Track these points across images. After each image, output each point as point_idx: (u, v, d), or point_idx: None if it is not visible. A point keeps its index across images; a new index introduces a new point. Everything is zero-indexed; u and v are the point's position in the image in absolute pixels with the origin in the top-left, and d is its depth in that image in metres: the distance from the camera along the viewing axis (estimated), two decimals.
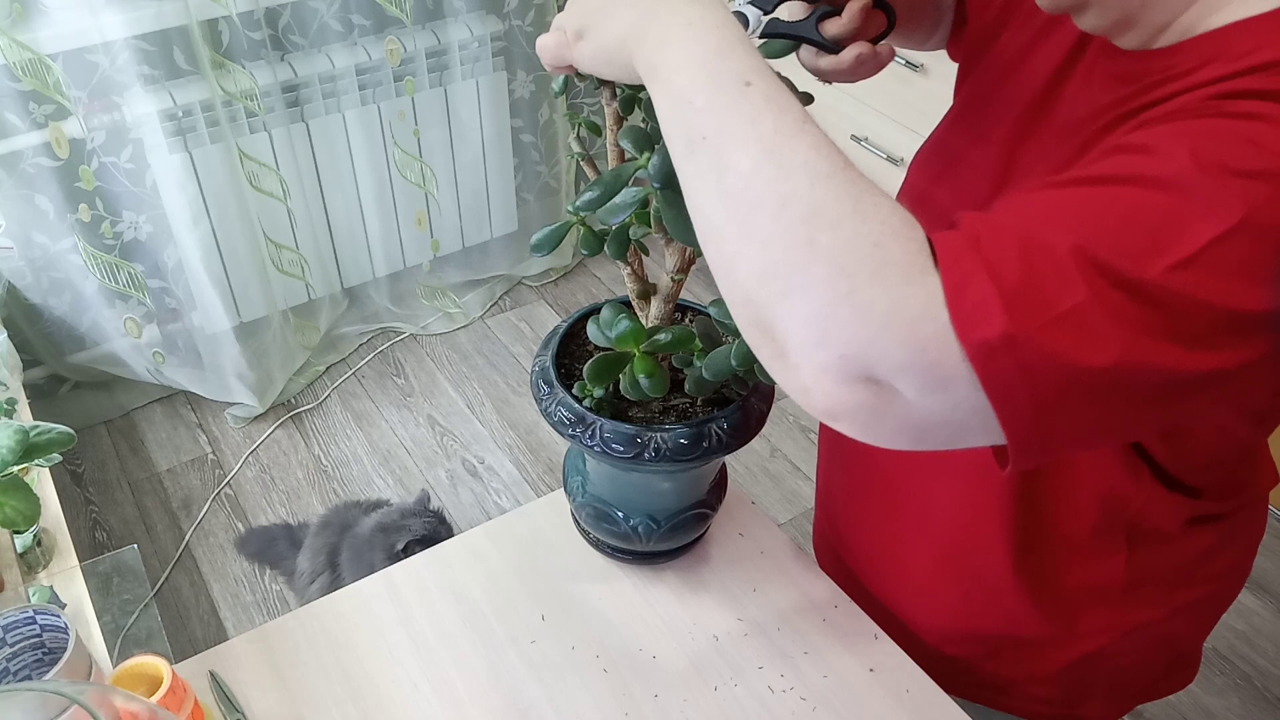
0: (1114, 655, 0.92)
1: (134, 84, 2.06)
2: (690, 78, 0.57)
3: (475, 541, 1.06)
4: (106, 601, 1.37)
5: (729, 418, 0.85)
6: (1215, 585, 0.93)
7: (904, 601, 1.00)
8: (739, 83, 0.56)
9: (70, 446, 1.13)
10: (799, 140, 0.54)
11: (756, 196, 0.54)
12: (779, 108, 0.55)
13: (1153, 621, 0.90)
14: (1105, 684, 0.96)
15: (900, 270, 0.51)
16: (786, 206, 0.53)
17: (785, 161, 0.53)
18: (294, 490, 2.29)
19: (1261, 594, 2.05)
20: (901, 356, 0.51)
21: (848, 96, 2.13)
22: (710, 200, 0.56)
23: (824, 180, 0.53)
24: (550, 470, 2.33)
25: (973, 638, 0.96)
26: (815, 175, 0.53)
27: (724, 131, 0.55)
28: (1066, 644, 0.92)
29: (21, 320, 2.26)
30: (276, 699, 0.92)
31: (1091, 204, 0.53)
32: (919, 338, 0.51)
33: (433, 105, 2.49)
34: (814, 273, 0.52)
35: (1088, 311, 0.50)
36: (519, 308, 2.82)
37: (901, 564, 0.99)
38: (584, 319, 0.94)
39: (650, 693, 0.92)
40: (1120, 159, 0.56)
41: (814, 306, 0.52)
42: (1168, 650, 0.97)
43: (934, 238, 0.53)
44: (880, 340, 0.51)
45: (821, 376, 0.53)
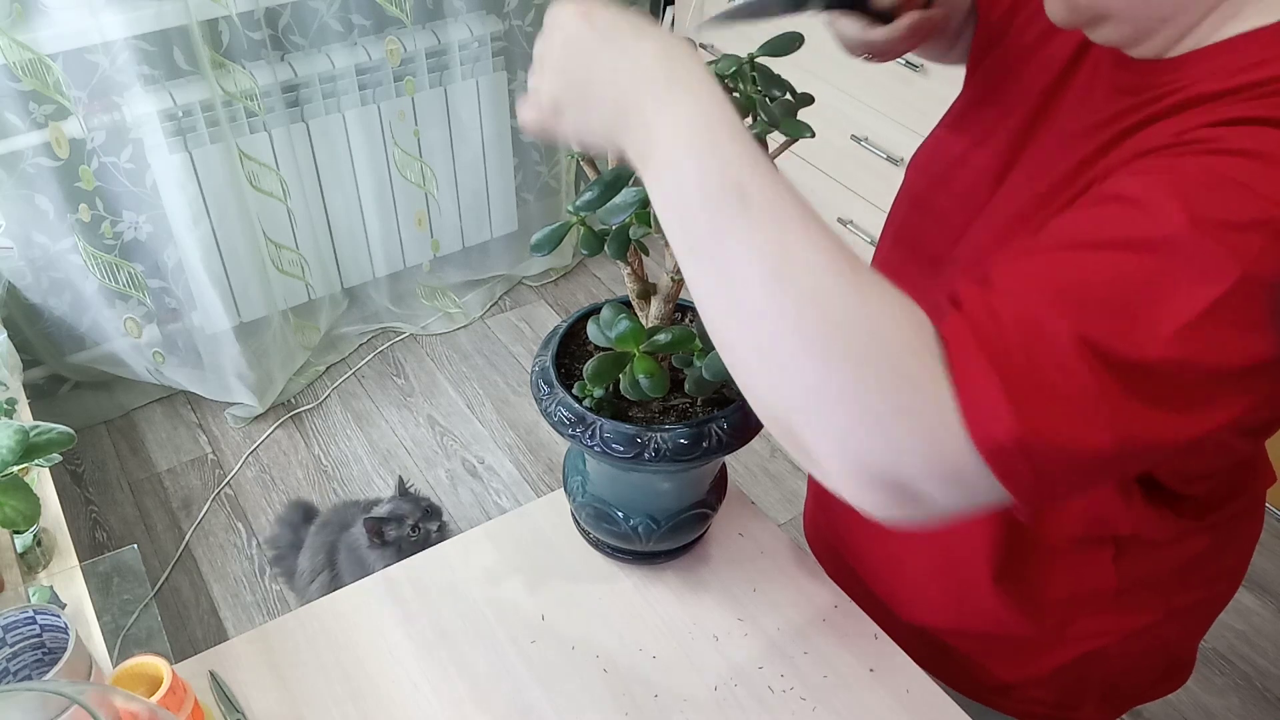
0: (1108, 659, 0.92)
1: (134, 84, 2.06)
2: (681, 181, 0.55)
3: (475, 541, 1.06)
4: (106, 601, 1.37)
5: (729, 418, 0.85)
6: (1210, 588, 0.93)
7: (901, 596, 1.00)
8: (734, 191, 0.54)
9: (70, 446, 1.13)
10: (801, 252, 0.53)
11: (762, 317, 0.54)
12: (777, 216, 0.54)
13: (1147, 626, 0.90)
14: (1100, 687, 0.96)
15: (914, 384, 0.52)
16: (797, 328, 0.53)
17: (789, 280, 0.53)
18: (294, 490, 2.29)
19: (1261, 594, 2.05)
20: (921, 466, 0.53)
21: (848, 96, 2.13)
22: (717, 309, 0.57)
23: (831, 294, 0.52)
24: (550, 470, 2.33)
25: (968, 635, 0.96)
26: (820, 291, 0.53)
27: (722, 245, 0.54)
28: (1058, 647, 0.92)
29: (21, 320, 2.26)
30: (276, 699, 0.92)
31: (1089, 277, 0.53)
32: (937, 448, 0.52)
33: (433, 105, 2.49)
34: (829, 393, 0.53)
35: (1091, 400, 0.51)
36: (519, 308, 2.82)
37: (897, 560, 0.99)
38: (584, 319, 0.94)
39: (650, 693, 0.92)
40: (1115, 214, 0.55)
41: (834, 424, 0.53)
42: (1163, 653, 0.97)
43: (943, 335, 0.53)
44: (900, 453, 0.52)
45: (848, 481, 0.55)
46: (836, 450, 0.54)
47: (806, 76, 0.90)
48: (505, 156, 2.69)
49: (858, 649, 0.95)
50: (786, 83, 0.77)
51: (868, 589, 1.03)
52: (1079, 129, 0.71)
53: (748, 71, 0.76)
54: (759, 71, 0.76)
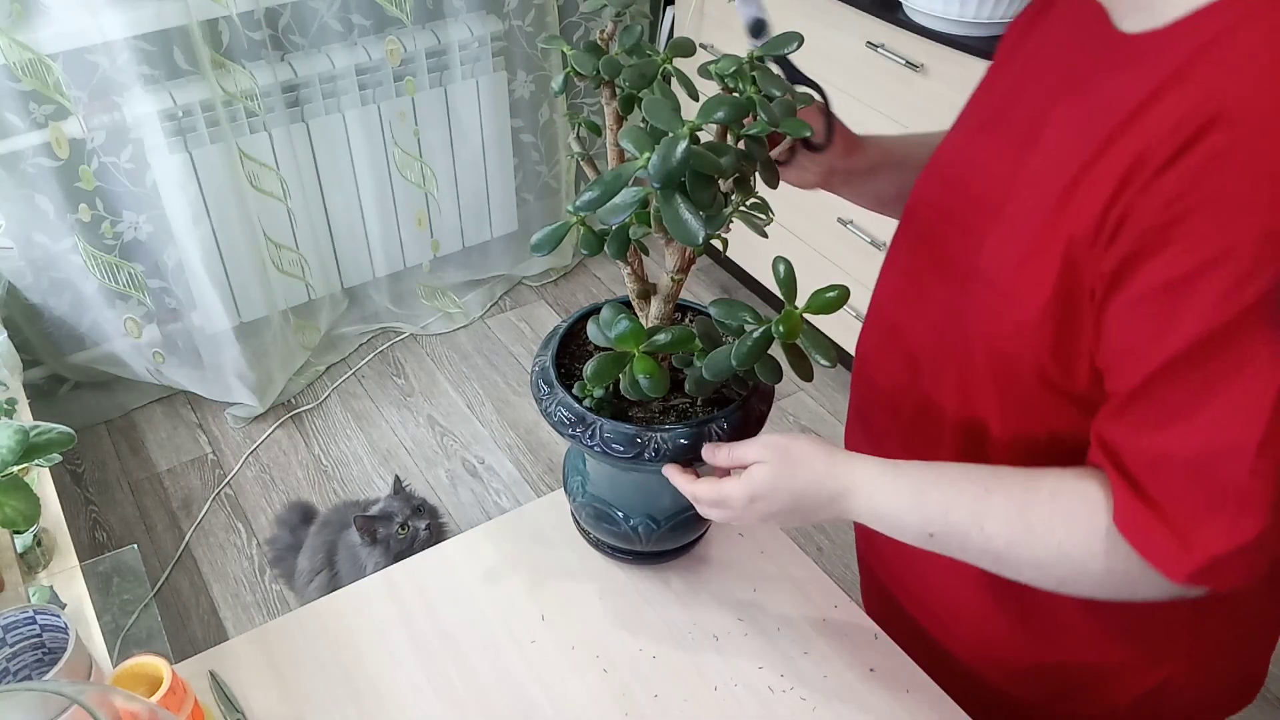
0: (1187, 679, 0.89)
1: (134, 84, 2.06)
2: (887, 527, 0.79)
3: (475, 541, 1.06)
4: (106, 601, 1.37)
5: (729, 418, 0.85)
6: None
7: (960, 633, 0.96)
8: (925, 535, 0.77)
9: (70, 446, 1.13)
10: (993, 545, 0.74)
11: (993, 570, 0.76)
12: (963, 536, 0.75)
13: (1224, 642, 0.88)
14: (1177, 711, 0.93)
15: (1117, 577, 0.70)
16: (1036, 580, 0.75)
17: (1003, 566, 0.75)
18: (294, 490, 2.29)
19: None
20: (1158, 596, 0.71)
21: (848, 96, 2.13)
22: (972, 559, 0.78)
23: (1022, 559, 0.73)
24: (550, 470, 2.33)
25: (1038, 671, 0.92)
26: (1014, 563, 0.74)
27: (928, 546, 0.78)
28: (1141, 670, 0.88)
29: (21, 320, 2.26)
30: (276, 699, 0.92)
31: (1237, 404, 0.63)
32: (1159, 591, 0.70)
33: (433, 105, 2.49)
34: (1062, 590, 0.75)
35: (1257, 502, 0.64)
36: (519, 308, 2.82)
37: (949, 590, 0.94)
38: (584, 319, 0.94)
39: (650, 693, 0.92)
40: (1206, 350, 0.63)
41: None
42: (1237, 671, 0.94)
43: (1117, 516, 0.69)
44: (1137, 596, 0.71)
45: None
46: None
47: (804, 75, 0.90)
48: (505, 156, 2.69)
49: (858, 649, 0.95)
50: (786, 83, 0.77)
51: (930, 637, 0.99)
52: (1083, 120, 0.71)
53: (748, 71, 0.76)
54: (759, 71, 0.76)
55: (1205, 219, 0.60)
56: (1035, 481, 0.74)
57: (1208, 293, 0.61)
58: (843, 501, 0.79)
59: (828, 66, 2.12)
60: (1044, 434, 0.78)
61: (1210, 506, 0.64)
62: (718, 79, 0.77)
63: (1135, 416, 0.67)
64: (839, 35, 2.07)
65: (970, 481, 0.75)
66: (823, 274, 2.38)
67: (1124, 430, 0.68)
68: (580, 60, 0.80)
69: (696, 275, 2.85)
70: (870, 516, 0.79)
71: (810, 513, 0.81)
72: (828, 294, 0.76)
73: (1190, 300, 0.61)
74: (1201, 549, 0.65)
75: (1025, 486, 0.74)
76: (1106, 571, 0.70)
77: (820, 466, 0.79)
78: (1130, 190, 0.64)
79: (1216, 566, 0.65)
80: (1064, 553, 0.71)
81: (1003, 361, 0.77)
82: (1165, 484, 0.66)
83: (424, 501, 1.75)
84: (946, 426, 0.85)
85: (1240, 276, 0.59)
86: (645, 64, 0.79)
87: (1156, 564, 0.67)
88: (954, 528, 0.75)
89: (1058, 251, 0.69)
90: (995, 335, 0.76)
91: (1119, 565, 0.69)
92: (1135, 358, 0.66)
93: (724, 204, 0.74)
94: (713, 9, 2.42)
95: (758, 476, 0.80)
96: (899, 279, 0.91)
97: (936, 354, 0.85)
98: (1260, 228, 0.58)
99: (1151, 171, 0.62)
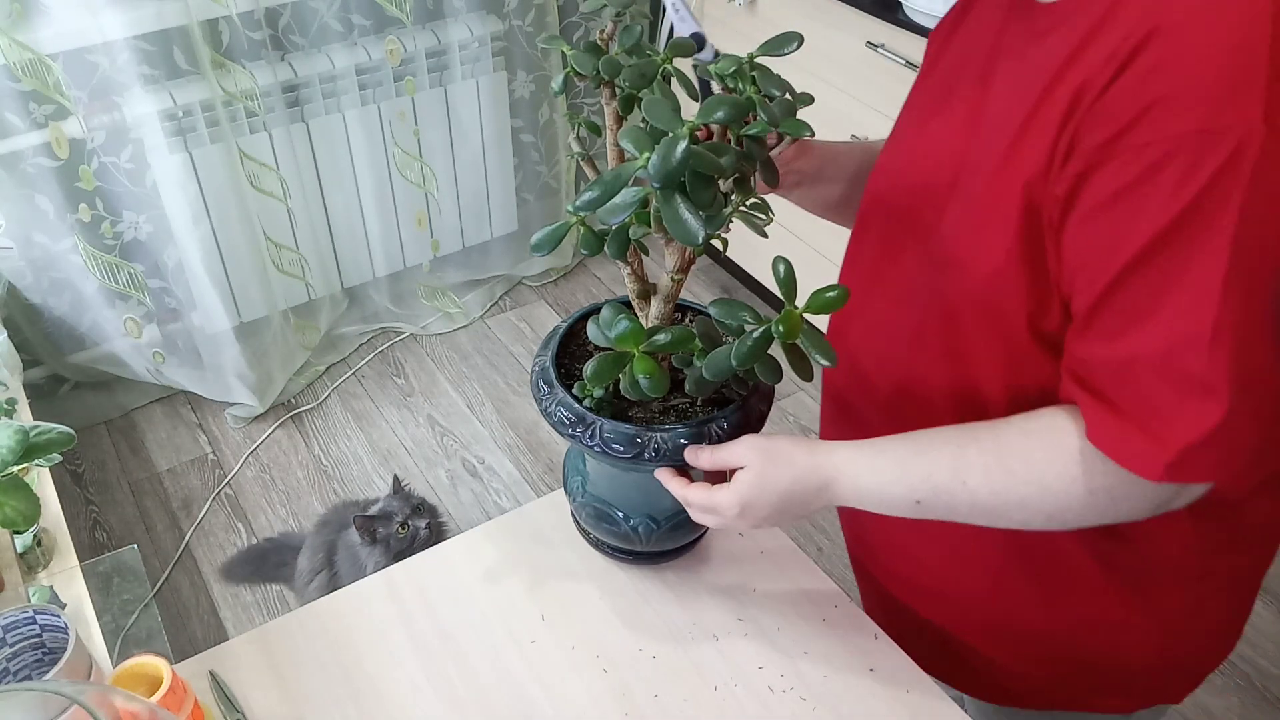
0: (1183, 635, 0.91)
1: (134, 84, 2.06)
2: (876, 504, 0.81)
3: (475, 541, 1.06)
4: (106, 601, 1.36)
5: (729, 418, 0.85)
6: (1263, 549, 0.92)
7: (967, 616, 0.96)
8: (912, 503, 0.79)
9: (70, 446, 1.13)
10: (978, 497, 0.76)
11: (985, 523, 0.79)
12: (949, 495, 0.77)
13: (1219, 589, 0.89)
14: (1176, 670, 0.95)
15: (1103, 500, 0.73)
16: (1024, 521, 0.77)
17: (992, 514, 0.77)
18: (294, 490, 2.29)
19: (1262, 594, 2.05)
20: (1145, 512, 0.74)
21: (848, 96, 2.13)
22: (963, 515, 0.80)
23: (1009, 502, 0.75)
24: (550, 470, 2.33)
25: (1048, 641, 0.93)
26: (999, 509, 0.76)
27: (920, 515, 0.80)
28: (1146, 632, 0.90)
29: (21, 320, 2.26)
30: (276, 699, 0.92)
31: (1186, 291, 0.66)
32: (1141, 504, 0.73)
33: (433, 105, 2.49)
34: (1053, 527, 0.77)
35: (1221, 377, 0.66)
36: (519, 308, 2.82)
37: (967, 567, 0.94)
38: (584, 319, 0.94)
39: (650, 693, 0.92)
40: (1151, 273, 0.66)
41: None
42: (1234, 621, 0.95)
43: (1090, 433, 0.71)
44: (1125, 516, 0.74)
45: None
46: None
47: (806, 76, 0.90)
48: (505, 156, 2.69)
49: (858, 649, 0.95)
50: (786, 83, 0.77)
51: (946, 633, 1.00)
52: (1022, 80, 0.74)
53: (747, 71, 0.76)
54: (759, 71, 0.76)
55: (1146, 126, 0.63)
56: (1004, 427, 0.77)
57: (1154, 195, 0.64)
58: (830, 490, 0.81)
59: (828, 66, 2.12)
60: (1036, 390, 0.80)
61: (1177, 398, 0.67)
62: (717, 79, 0.77)
63: (1100, 328, 0.70)
64: (839, 35, 2.07)
65: (944, 442, 0.78)
66: (823, 274, 2.38)
67: (1090, 344, 0.71)
68: (580, 60, 0.80)
69: (696, 275, 2.85)
70: (857, 498, 0.81)
71: (800, 508, 0.82)
72: (828, 294, 0.76)
73: (1139, 205, 0.65)
74: (1172, 442, 0.67)
75: (995, 434, 0.77)
76: (1089, 493, 0.72)
77: (802, 460, 0.81)
78: (1076, 118, 0.67)
79: (1189, 458, 0.67)
80: (1045, 485, 0.73)
81: (987, 317, 0.79)
82: (1134, 387, 0.68)
83: (423, 501, 1.75)
84: (939, 403, 0.86)
85: (1182, 175, 0.62)
86: (645, 64, 0.79)
87: (1132, 466, 0.69)
88: (939, 490, 0.77)
89: (1017, 193, 0.72)
90: (973, 291, 0.78)
91: (1099, 483, 0.72)
92: (1093, 272, 0.69)
93: (724, 204, 0.74)
94: (713, 9, 2.42)
95: (746, 482, 0.81)
96: (863, 276, 0.93)
97: (916, 333, 0.86)
98: (1196, 125, 0.62)
99: (1094, 95, 0.66)
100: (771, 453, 0.81)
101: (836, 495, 0.81)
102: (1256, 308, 0.65)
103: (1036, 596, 0.91)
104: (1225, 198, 0.62)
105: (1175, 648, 0.93)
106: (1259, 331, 0.66)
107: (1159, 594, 0.88)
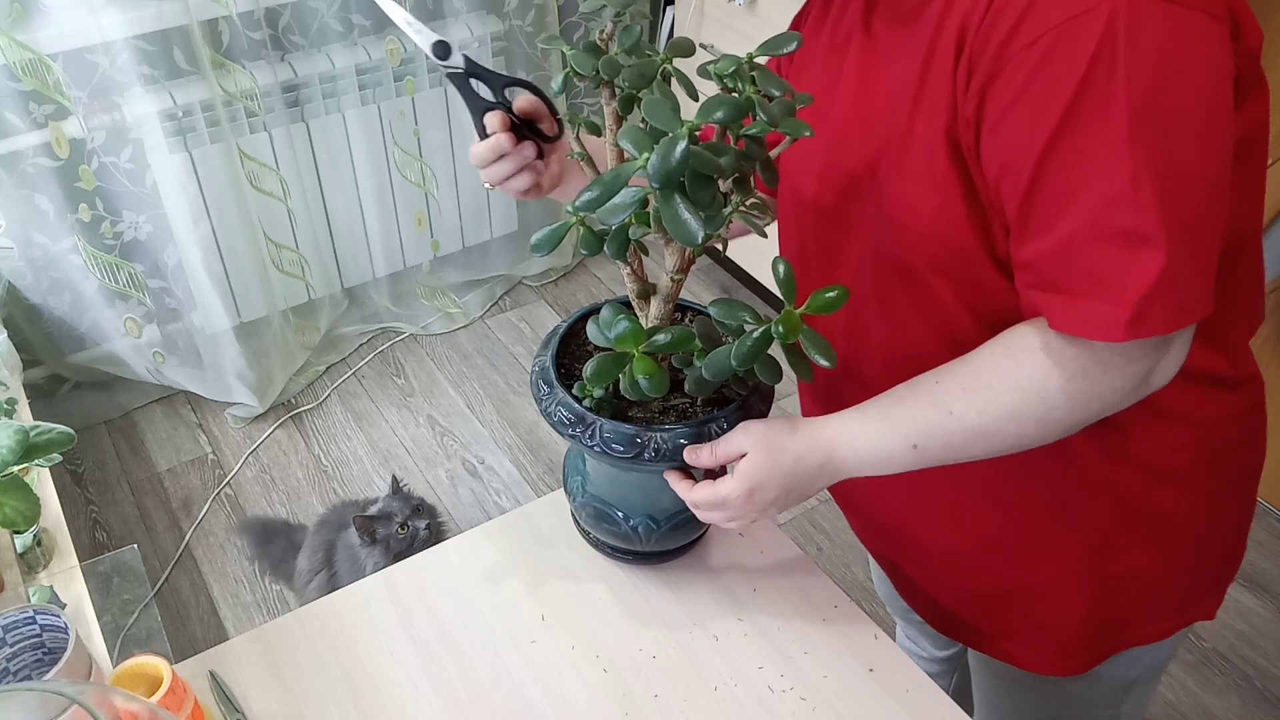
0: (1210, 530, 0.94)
1: (134, 84, 2.06)
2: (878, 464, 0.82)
3: (475, 541, 1.06)
4: (106, 601, 1.37)
5: (729, 418, 0.85)
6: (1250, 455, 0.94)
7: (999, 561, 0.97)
8: (909, 449, 0.80)
9: (70, 446, 1.13)
10: (967, 421, 0.77)
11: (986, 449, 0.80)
12: (941, 430, 0.78)
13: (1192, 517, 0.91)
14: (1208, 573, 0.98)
15: (1078, 384, 0.74)
16: (1014, 445, 0.79)
17: (989, 441, 0.78)
18: (294, 490, 2.29)
19: (1261, 594, 2.05)
20: (1131, 399, 0.77)
21: None
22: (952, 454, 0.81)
23: (1008, 419, 0.77)
24: (550, 470, 2.33)
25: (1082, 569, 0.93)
26: (988, 433, 0.78)
27: (924, 461, 0.81)
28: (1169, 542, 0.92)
29: (21, 320, 2.26)
30: (276, 699, 0.92)
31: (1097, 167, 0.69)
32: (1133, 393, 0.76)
33: (433, 105, 2.49)
34: (1049, 431, 0.78)
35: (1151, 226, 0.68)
36: (519, 308, 2.82)
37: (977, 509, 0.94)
38: (584, 319, 0.94)
39: (650, 693, 0.92)
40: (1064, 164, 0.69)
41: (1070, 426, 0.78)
42: (1242, 520, 0.98)
43: (1053, 323, 0.73)
44: (1113, 404, 0.76)
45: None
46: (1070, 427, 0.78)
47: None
48: None
49: (858, 649, 0.95)
50: (785, 83, 0.77)
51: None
52: (904, 55, 0.78)
53: (747, 71, 0.76)
54: (758, 71, 0.76)
55: (1026, 28, 0.68)
56: (973, 355, 0.79)
57: (1049, 86, 0.68)
58: (832, 463, 0.82)
59: None
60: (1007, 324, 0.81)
61: (1118, 256, 0.69)
62: (717, 79, 0.77)
63: (1035, 224, 0.72)
64: None
65: (920, 383, 0.80)
66: None
67: (1030, 243, 0.73)
68: (580, 60, 0.80)
69: (696, 275, 2.85)
70: (859, 463, 0.82)
71: (805, 486, 0.83)
72: (827, 294, 0.76)
73: (1038, 100, 0.69)
74: (1125, 298, 0.69)
75: (966, 360, 0.79)
76: (1066, 380, 0.74)
77: (800, 438, 0.82)
78: (966, 49, 0.72)
79: (1144, 310, 0.69)
80: (1024, 388, 0.75)
81: (945, 261, 0.80)
82: (1078, 263, 0.71)
83: (423, 501, 1.75)
84: (920, 361, 0.87)
85: (1067, 59, 0.67)
86: (645, 64, 0.79)
87: (1095, 334, 0.71)
88: (930, 427, 0.78)
89: (939, 139, 0.76)
90: (923, 241, 0.80)
91: (1072, 367, 0.73)
92: (1015, 175, 0.72)
93: (723, 204, 0.74)
94: (713, 9, 2.42)
95: (749, 468, 0.81)
96: (816, 263, 0.94)
97: (880, 299, 0.87)
98: (1068, 12, 0.67)
99: (976, 22, 0.71)
100: (769, 435, 0.82)
101: (839, 466, 0.82)
102: (1175, 154, 0.68)
103: (1051, 522, 0.91)
104: (1111, 66, 0.66)
105: (1196, 559, 0.94)
106: (1183, 177, 0.68)
107: (1170, 505, 0.89)
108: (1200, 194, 0.70)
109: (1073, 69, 0.67)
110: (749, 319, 0.78)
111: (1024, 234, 0.73)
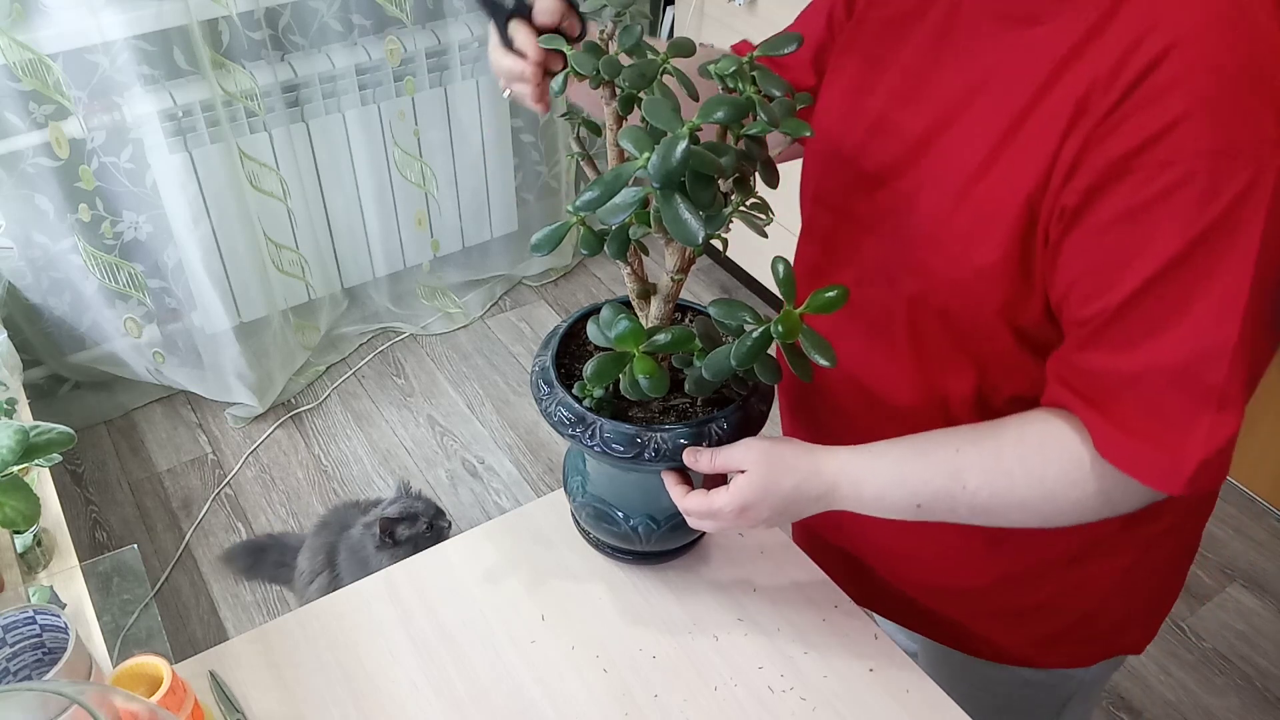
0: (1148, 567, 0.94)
1: (134, 84, 2.06)
2: (877, 510, 0.81)
3: (475, 541, 1.06)
4: (106, 601, 1.37)
5: (729, 418, 0.85)
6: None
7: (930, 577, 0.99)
8: (913, 507, 0.79)
9: (70, 446, 1.13)
10: (978, 499, 0.76)
11: (984, 523, 0.79)
12: (949, 498, 0.77)
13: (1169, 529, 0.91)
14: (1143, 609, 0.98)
15: (1097, 500, 0.73)
16: (1023, 521, 0.77)
17: (991, 514, 0.77)
18: (294, 490, 2.29)
19: (1261, 594, 2.05)
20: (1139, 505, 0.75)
21: None
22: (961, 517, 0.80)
23: (1012, 505, 0.76)
24: (550, 470, 2.33)
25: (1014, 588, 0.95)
26: (1002, 510, 0.76)
27: (921, 518, 0.79)
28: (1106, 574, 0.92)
29: (21, 320, 2.26)
30: (276, 699, 0.92)
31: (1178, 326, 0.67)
32: (1141, 499, 0.74)
33: (433, 105, 2.49)
34: (1046, 524, 0.78)
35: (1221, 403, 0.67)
36: (519, 308, 2.82)
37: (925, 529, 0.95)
38: (584, 319, 0.94)
39: (650, 693, 0.92)
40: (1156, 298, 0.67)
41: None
42: (1184, 559, 0.98)
43: (1100, 447, 0.71)
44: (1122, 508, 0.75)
45: None
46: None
47: None
48: (505, 156, 2.69)
49: (858, 649, 0.95)
50: (785, 83, 0.77)
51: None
52: (994, 85, 0.73)
53: (747, 71, 0.76)
54: (759, 71, 0.76)
55: (1165, 145, 0.63)
56: (998, 430, 0.77)
57: (1174, 213, 0.64)
58: (830, 497, 0.81)
59: None
60: (1004, 382, 0.81)
61: (1195, 411, 0.67)
62: (717, 79, 0.77)
63: (1111, 339, 0.70)
64: None
65: (940, 445, 0.78)
66: None
67: (1096, 355, 0.71)
68: (580, 60, 0.80)
69: (696, 275, 2.85)
70: (858, 504, 0.81)
71: (800, 511, 0.83)
72: (827, 294, 0.76)
73: (1158, 222, 0.65)
74: (1191, 456, 0.68)
75: (991, 436, 0.77)
76: (1089, 497, 0.73)
77: (804, 466, 0.81)
78: (1082, 129, 0.67)
79: (1206, 468, 0.68)
80: (1045, 486, 0.74)
81: (961, 306, 0.78)
82: (1146, 399, 0.69)
83: (429, 501, 1.76)
84: (899, 391, 0.86)
85: (1203, 194, 0.63)
86: (645, 64, 0.79)
87: (1150, 482, 0.70)
88: (939, 494, 0.77)
89: (1016, 203, 0.71)
90: (951, 283, 0.78)
91: (1103, 486, 0.72)
92: (1101, 284, 0.69)
93: (724, 204, 0.74)
94: (713, 9, 2.42)
95: (747, 485, 0.80)
96: (808, 232, 0.92)
97: (880, 315, 0.85)
98: (1214, 145, 0.62)
99: (1105, 108, 0.66)
100: (773, 457, 0.81)
101: (836, 502, 0.81)
102: (1263, 320, 0.66)
103: (987, 548, 0.92)
104: (1250, 218, 0.63)
105: (1132, 594, 0.94)
106: (1260, 341, 0.67)
107: (1113, 541, 0.89)
108: (1262, 367, 0.70)
109: (1209, 207, 0.63)
110: (749, 319, 0.78)
111: (1092, 342, 0.71)
